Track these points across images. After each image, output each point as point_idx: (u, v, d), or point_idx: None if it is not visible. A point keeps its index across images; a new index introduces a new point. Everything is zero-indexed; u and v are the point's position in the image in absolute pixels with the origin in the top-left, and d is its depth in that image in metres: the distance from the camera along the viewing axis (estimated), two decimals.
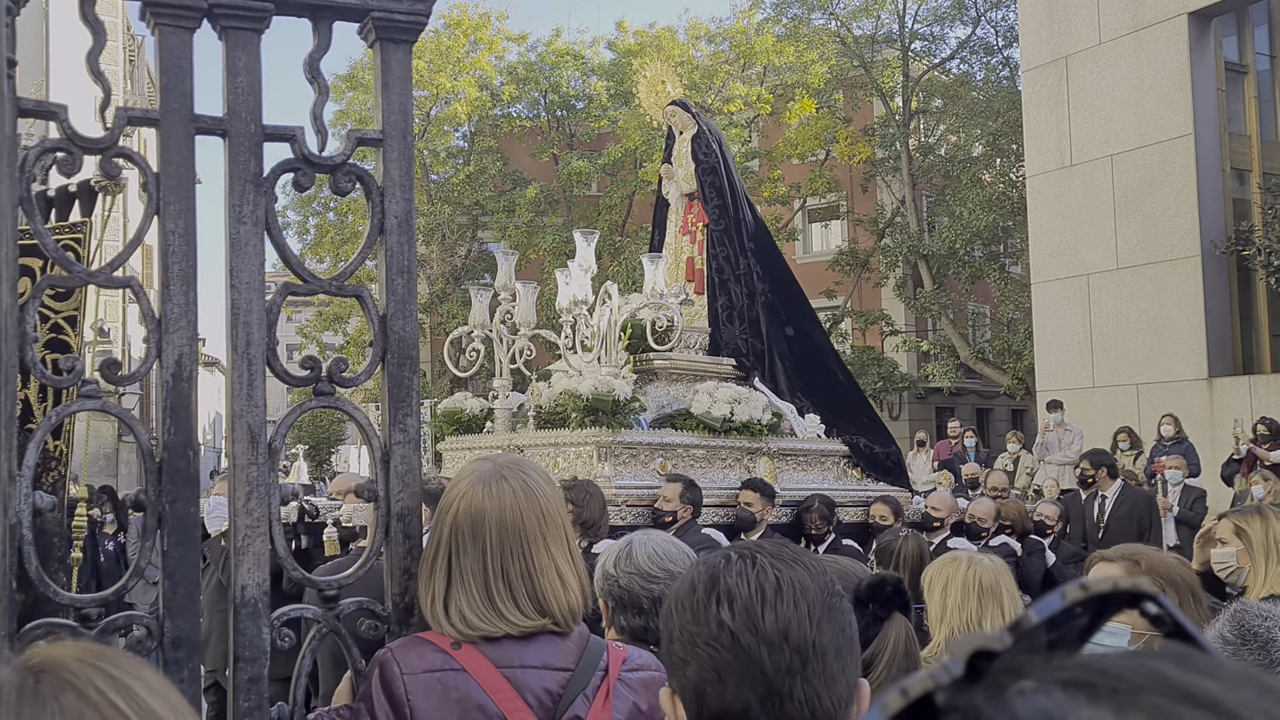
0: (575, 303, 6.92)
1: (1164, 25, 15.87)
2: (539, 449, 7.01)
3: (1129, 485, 10.11)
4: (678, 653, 1.34)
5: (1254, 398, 14.72)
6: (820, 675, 1.29)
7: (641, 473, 6.82)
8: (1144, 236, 16.04)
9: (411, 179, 2.34)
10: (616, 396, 6.67)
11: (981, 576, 3.11)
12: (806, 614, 1.30)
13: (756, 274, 8.26)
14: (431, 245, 30.60)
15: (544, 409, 7.09)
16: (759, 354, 8.13)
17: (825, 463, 7.86)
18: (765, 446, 7.40)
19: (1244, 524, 3.79)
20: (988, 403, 31.22)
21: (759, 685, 1.27)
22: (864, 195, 28.77)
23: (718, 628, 1.30)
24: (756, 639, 1.28)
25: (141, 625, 2.07)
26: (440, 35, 29.84)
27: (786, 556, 1.36)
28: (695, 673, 1.31)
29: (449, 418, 7.95)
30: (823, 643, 1.29)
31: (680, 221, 8.58)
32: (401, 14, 2.30)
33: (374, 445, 2.29)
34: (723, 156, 8.52)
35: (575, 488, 5.85)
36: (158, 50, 2.14)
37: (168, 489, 2.08)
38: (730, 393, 7.30)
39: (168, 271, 2.12)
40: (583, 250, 7.02)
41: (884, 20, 27.28)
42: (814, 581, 1.33)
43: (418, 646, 2.01)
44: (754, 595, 1.30)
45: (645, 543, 2.62)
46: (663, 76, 8.98)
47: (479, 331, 7.70)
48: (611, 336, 6.94)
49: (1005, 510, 7.70)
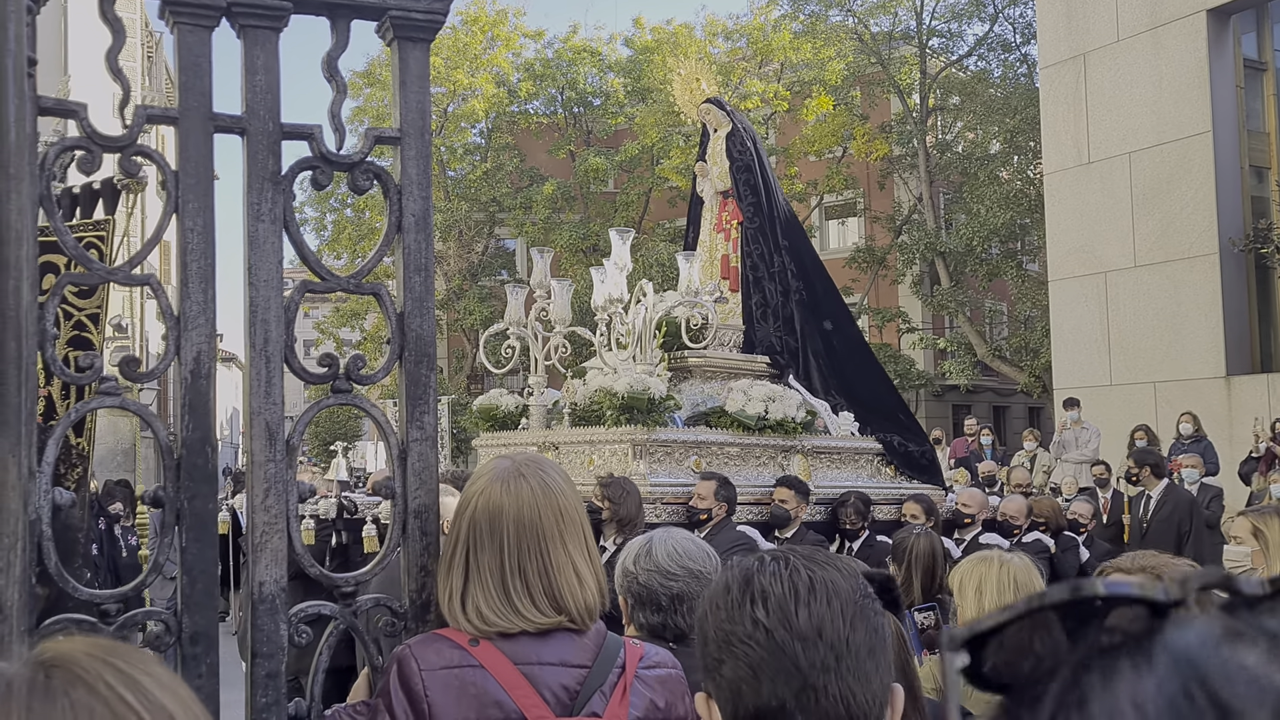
0: (611, 300, 6.95)
1: (1182, 22, 15.77)
2: (574, 446, 7.04)
3: (1173, 485, 10.07)
4: (713, 654, 1.36)
5: (1272, 396, 14.62)
6: (854, 672, 1.31)
7: (676, 470, 6.86)
8: (1162, 234, 15.95)
9: (429, 177, 2.35)
10: (652, 394, 6.69)
11: (1016, 575, 3.10)
12: (840, 612, 1.32)
13: (791, 271, 8.26)
14: (449, 241, 30.65)
15: (579, 406, 7.12)
16: (793, 352, 8.14)
17: (859, 460, 7.87)
18: (799, 444, 7.42)
19: (1262, 525, 3.81)
20: (1005, 400, 31.12)
21: (794, 681, 1.30)
22: (881, 192, 28.70)
23: (752, 625, 1.32)
24: (791, 635, 1.30)
25: (160, 621, 2.08)
26: (458, 32, 29.88)
27: (819, 558, 1.39)
28: (731, 671, 1.33)
29: (484, 414, 7.99)
30: (856, 641, 1.32)
31: (715, 219, 8.59)
32: (419, 13, 2.31)
33: (391, 443, 2.29)
34: (757, 154, 8.53)
35: (612, 485, 5.91)
36: (176, 49, 2.15)
37: (186, 485, 2.09)
38: (765, 390, 7.32)
39: (186, 269, 2.13)
40: (618, 248, 7.03)
41: (901, 17, 27.20)
42: (846, 582, 1.36)
43: (435, 643, 2.01)
44: (788, 593, 1.33)
45: (666, 540, 2.62)
46: (697, 74, 9.02)
47: (515, 329, 7.73)
48: (647, 334, 6.97)
49: (1038, 507, 7.74)
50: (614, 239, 7.13)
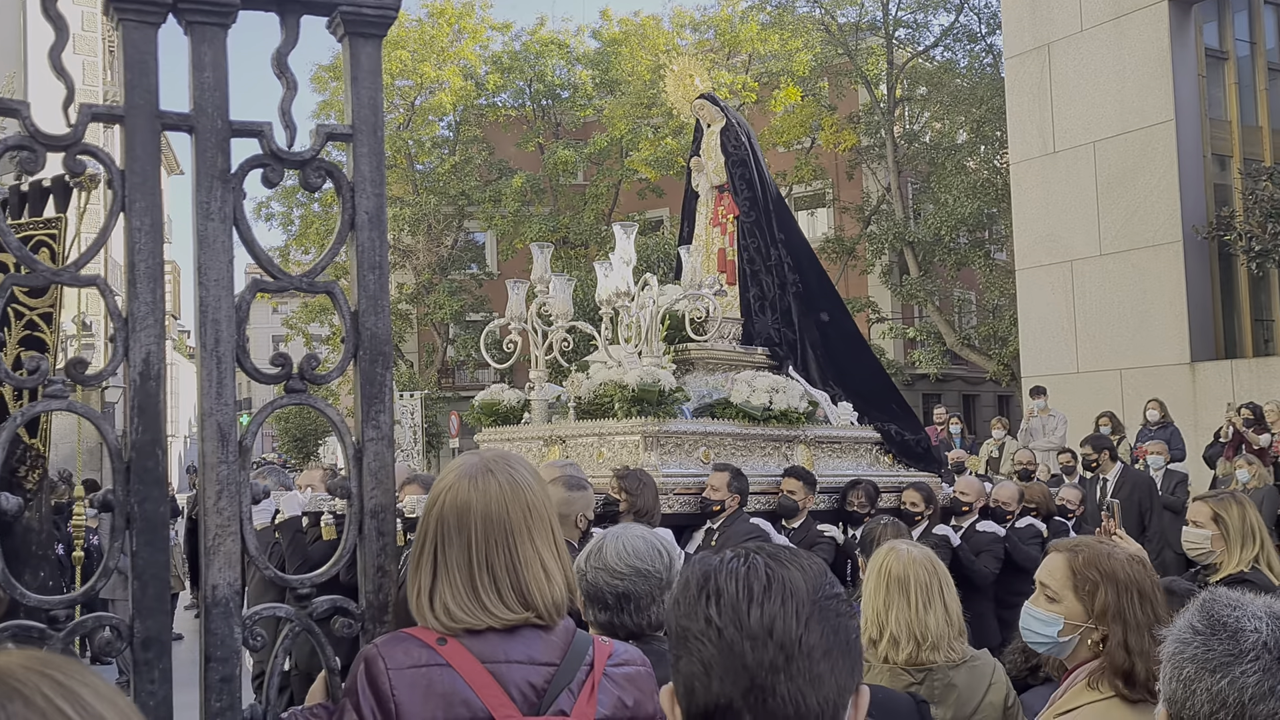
0: (618, 294, 7.02)
1: (1145, 12, 15.89)
2: (583, 439, 7.12)
3: (1128, 468, 10.28)
4: (673, 649, 1.37)
5: (1236, 381, 14.79)
6: (805, 674, 1.29)
7: (686, 461, 6.95)
8: (1126, 222, 16.09)
9: (383, 174, 2.32)
10: (662, 387, 6.77)
11: (890, 566, 3.13)
12: (794, 612, 1.31)
13: (787, 264, 8.37)
14: (418, 235, 30.50)
15: (583, 400, 7.19)
16: (791, 343, 8.25)
17: (859, 449, 8.01)
18: (802, 434, 7.54)
19: (1222, 510, 3.91)
20: (974, 389, 31.33)
21: (741, 680, 1.29)
22: (849, 183, 28.81)
23: (705, 623, 1.32)
24: (740, 634, 1.30)
25: (111, 626, 2.06)
26: (424, 25, 29.72)
27: (783, 557, 1.37)
28: (686, 667, 1.33)
29: (487, 409, 8.05)
30: (809, 641, 1.30)
31: (710, 213, 8.67)
32: (370, 8, 2.28)
33: (346, 442, 2.27)
34: (752, 149, 8.62)
35: (629, 477, 6.02)
36: (122, 46, 2.12)
37: (136, 488, 2.06)
38: (768, 382, 7.42)
39: (134, 269, 2.10)
40: (622, 243, 7.07)
41: (868, 8, 27.28)
42: (806, 582, 1.34)
43: (403, 642, 2.00)
44: (741, 592, 1.32)
45: (617, 539, 2.61)
46: (690, 70, 9.08)
47: (516, 324, 7.79)
48: (653, 328, 7.03)
49: (1029, 493, 7.92)
50: (618, 233, 7.18)
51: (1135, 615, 2.45)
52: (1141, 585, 2.48)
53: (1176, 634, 1.62)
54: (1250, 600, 1.61)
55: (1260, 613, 1.58)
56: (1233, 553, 3.88)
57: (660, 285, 7.45)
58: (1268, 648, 1.53)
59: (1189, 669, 1.57)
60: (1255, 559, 3.87)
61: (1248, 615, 1.58)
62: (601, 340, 7.34)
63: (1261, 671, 1.51)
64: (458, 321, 30.88)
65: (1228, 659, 1.53)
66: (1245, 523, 3.90)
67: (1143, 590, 2.48)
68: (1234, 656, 1.54)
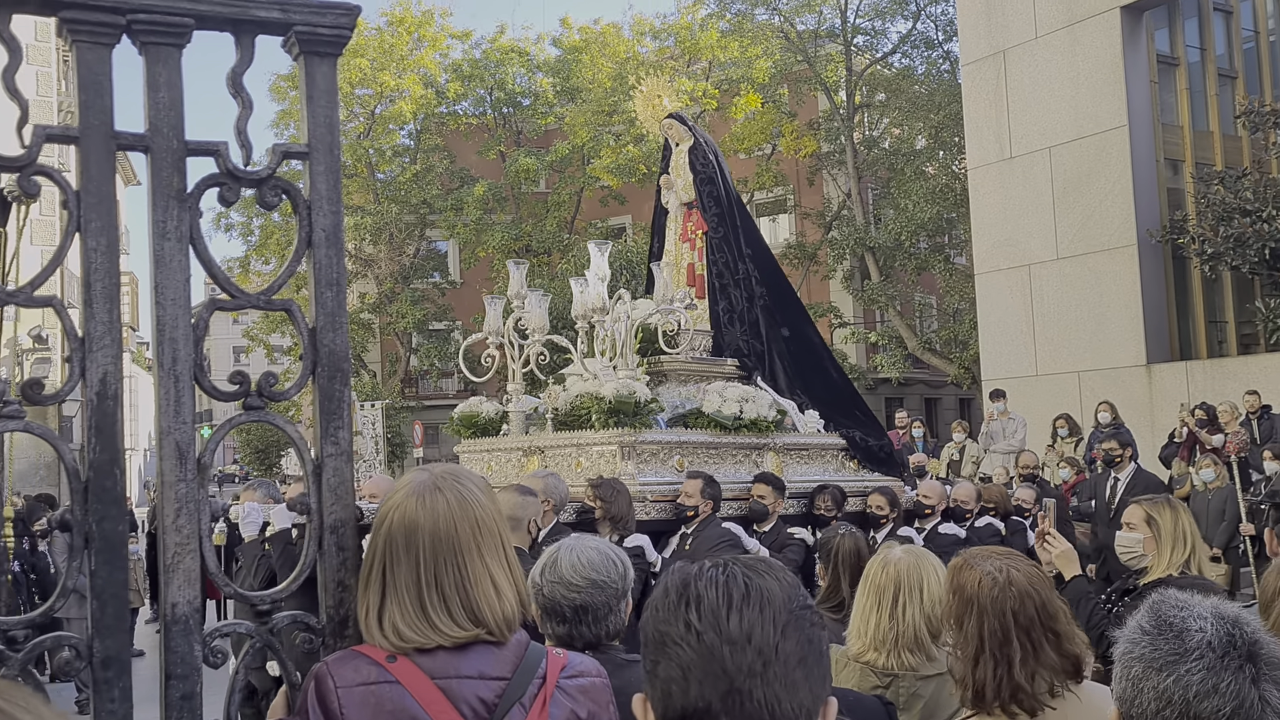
0: (594, 310, 7.31)
1: (1098, 19, 16.12)
2: (562, 449, 7.36)
3: (1142, 469, 10.42)
4: (650, 654, 1.39)
5: (1190, 382, 15.01)
6: (781, 679, 1.33)
7: (661, 470, 7.19)
8: (1082, 226, 16.30)
9: (339, 192, 2.34)
10: (638, 398, 7.04)
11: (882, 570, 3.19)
12: (772, 619, 1.35)
13: (755, 278, 8.65)
14: (379, 245, 30.35)
15: (561, 411, 7.43)
16: (759, 354, 8.54)
17: (825, 455, 8.28)
18: (771, 442, 7.79)
19: (1155, 513, 3.94)
20: (936, 392, 31.57)
21: (720, 684, 1.32)
22: (810, 189, 28.96)
23: (685, 628, 1.35)
24: (720, 639, 1.33)
25: (70, 646, 2.05)
26: (383, 33, 29.61)
27: (759, 568, 1.42)
28: (664, 671, 1.36)
29: (466, 421, 8.24)
30: (786, 648, 1.34)
31: (680, 229, 8.94)
32: (325, 28, 2.30)
33: (305, 458, 2.28)
34: (719, 167, 8.89)
35: (603, 485, 6.28)
36: (76, 67, 2.12)
37: (94, 508, 2.06)
38: (739, 392, 7.69)
39: (90, 289, 2.10)
40: (597, 260, 7.36)
41: (826, 15, 27.47)
42: (782, 591, 1.38)
43: (353, 660, 2.00)
44: (721, 599, 1.36)
45: (572, 551, 2.62)
46: (659, 91, 9.35)
47: (494, 338, 8.00)
48: (627, 341, 7.30)
49: (987, 494, 8.23)
50: (592, 250, 7.47)
51: (986, 634, 2.49)
52: (1000, 607, 2.50)
53: (1126, 634, 1.67)
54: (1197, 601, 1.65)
55: (1206, 613, 1.62)
56: (1163, 555, 3.89)
57: (632, 299, 7.69)
58: (1211, 646, 1.57)
59: (1137, 668, 1.61)
60: (1186, 562, 3.87)
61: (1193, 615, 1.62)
62: (577, 354, 7.55)
63: (1205, 670, 1.55)
64: (420, 330, 30.77)
65: (1173, 658, 1.57)
66: (1177, 526, 3.90)
67: (1001, 611, 2.50)
68: (1179, 655, 1.58)
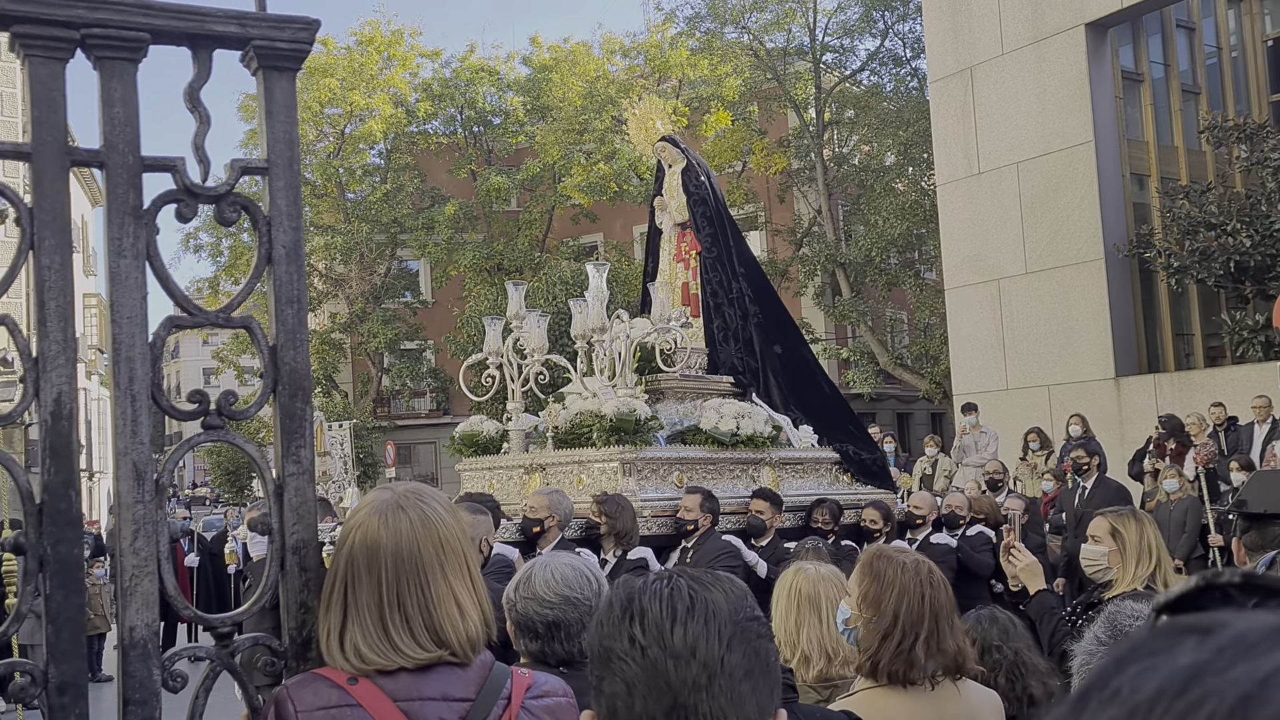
0: (593, 330, 7.51)
1: (1063, 36, 16.29)
2: (563, 467, 7.54)
3: (1104, 477, 10.57)
4: (596, 670, 1.37)
5: (1159, 395, 15.13)
6: (726, 693, 1.30)
7: (661, 485, 7.37)
8: (1050, 241, 16.43)
9: (299, 208, 2.31)
10: (638, 416, 7.22)
11: (800, 585, 3.20)
12: (717, 632, 1.32)
13: (748, 297, 8.83)
14: (350, 264, 30.22)
15: (561, 429, 7.58)
16: (754, 371, 8.72)
17: (820, 470, 8.47)
18: (768, 457, 7.99)
19: (1120, 526, 3.87)
20: (907, 407, 31.70)
21: (665, 698, 1.29)
22: (781, 205, 29.08)
23: (629, 643, 1.32)
24: (664, 653, 1.30)
25: (25, 672, 2.01)
26: (353, 52, 29.55)
27: (706, 580, 1.39)
28: (609, 687, 1.33)
29: (467, 440, 8.38)
30: (732, 661, 1.31)
31: (674, 250, 9.13)
32: (284, 42, 2.28)
33: (267, 478, 2.25)
34: (712, 188, 9.07)
35: (608, 501, 6.44)
36: (29, 82, 2.09)
37: (49, 531, 2.02)
38: (735, 408, 7.87)
39: (44, 308, 2.06)
40: (595, 281, 7.53)
41: (795, 33, 27.63)
42: (728, 604, 1.35)
43: (314, 683, 1.97)
44: (665, 613, 1.33)
45: (546, 567, 2.60)
46: (652, 115, 9.59)
47: (494, 358, 8.16)
48: (626, 360, 7.47)
49: (978, 505, 8.49)
50: (590, 272, 7.65)
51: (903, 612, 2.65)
52: (921, 590, 2.67)
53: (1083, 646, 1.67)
54: None
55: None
56: (1128, 569, 3.79)
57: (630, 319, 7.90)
58: None
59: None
60: (1151, 576, 3.76)
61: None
62: (576, 373, 7.73)
63: None
64: (392, 350, 30.63)
65: None
66: (1143, 539, 3.80)
67: (921, 595, 2.66)
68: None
